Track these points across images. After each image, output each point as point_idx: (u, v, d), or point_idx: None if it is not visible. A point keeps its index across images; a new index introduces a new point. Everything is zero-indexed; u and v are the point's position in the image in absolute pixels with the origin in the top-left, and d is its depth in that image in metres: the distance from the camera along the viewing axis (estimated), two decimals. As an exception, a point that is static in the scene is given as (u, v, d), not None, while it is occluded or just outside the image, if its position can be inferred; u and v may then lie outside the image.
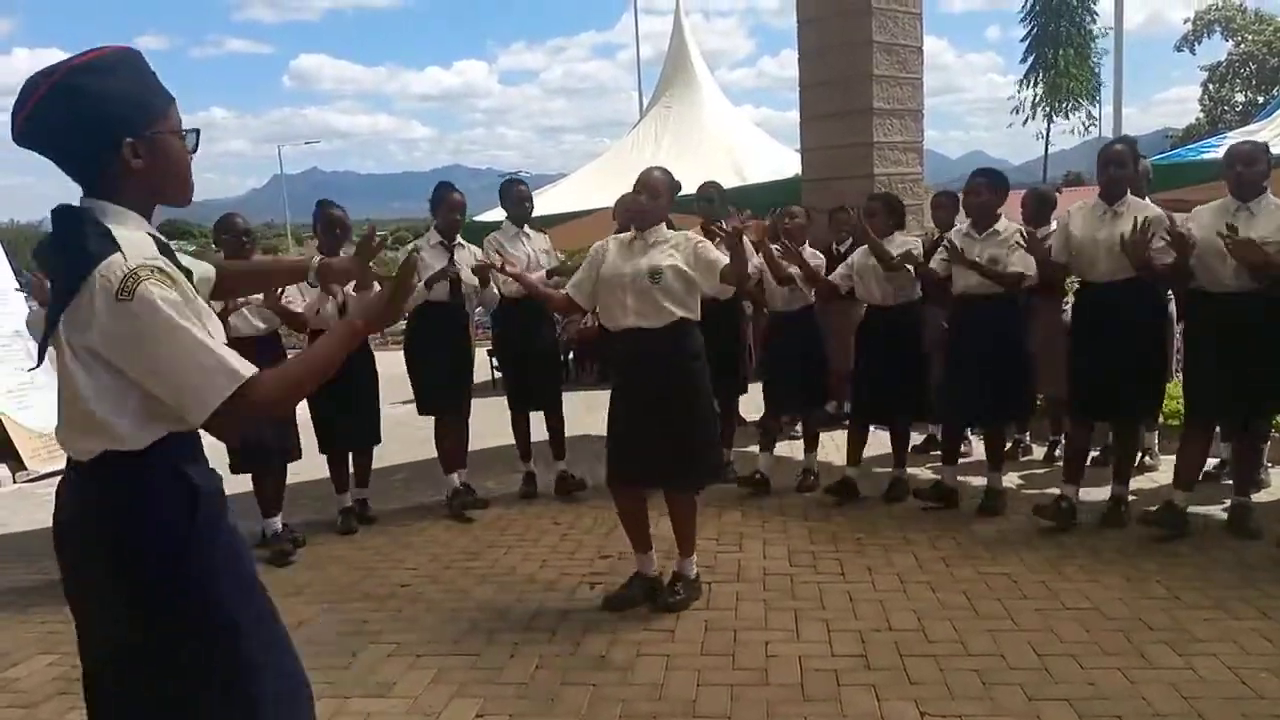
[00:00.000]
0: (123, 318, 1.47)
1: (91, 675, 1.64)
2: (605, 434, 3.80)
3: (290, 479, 4.88)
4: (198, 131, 1.67)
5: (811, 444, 5.43)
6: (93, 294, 1.48)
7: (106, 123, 1.54)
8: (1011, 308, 4.64)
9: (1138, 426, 4.54)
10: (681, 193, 3.92)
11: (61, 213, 1.57)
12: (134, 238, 1.55)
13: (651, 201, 3.69)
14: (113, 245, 1.51)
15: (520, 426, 5.52)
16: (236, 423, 1.56)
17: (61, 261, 1.54)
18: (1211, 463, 4.90)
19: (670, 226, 3.88)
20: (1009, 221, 4.68)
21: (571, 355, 10.99)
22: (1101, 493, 4.58)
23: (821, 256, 5.26)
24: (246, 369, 1.53)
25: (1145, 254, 3.98)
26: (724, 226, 3.65)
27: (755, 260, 5.18)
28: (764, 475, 5.30)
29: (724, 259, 3.59)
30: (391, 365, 5.32)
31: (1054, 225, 5.41)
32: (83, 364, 1.52)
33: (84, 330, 1.50)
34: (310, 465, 5.01)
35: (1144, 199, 4.96)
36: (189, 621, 1.57)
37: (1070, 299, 5.13)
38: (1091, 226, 4.25)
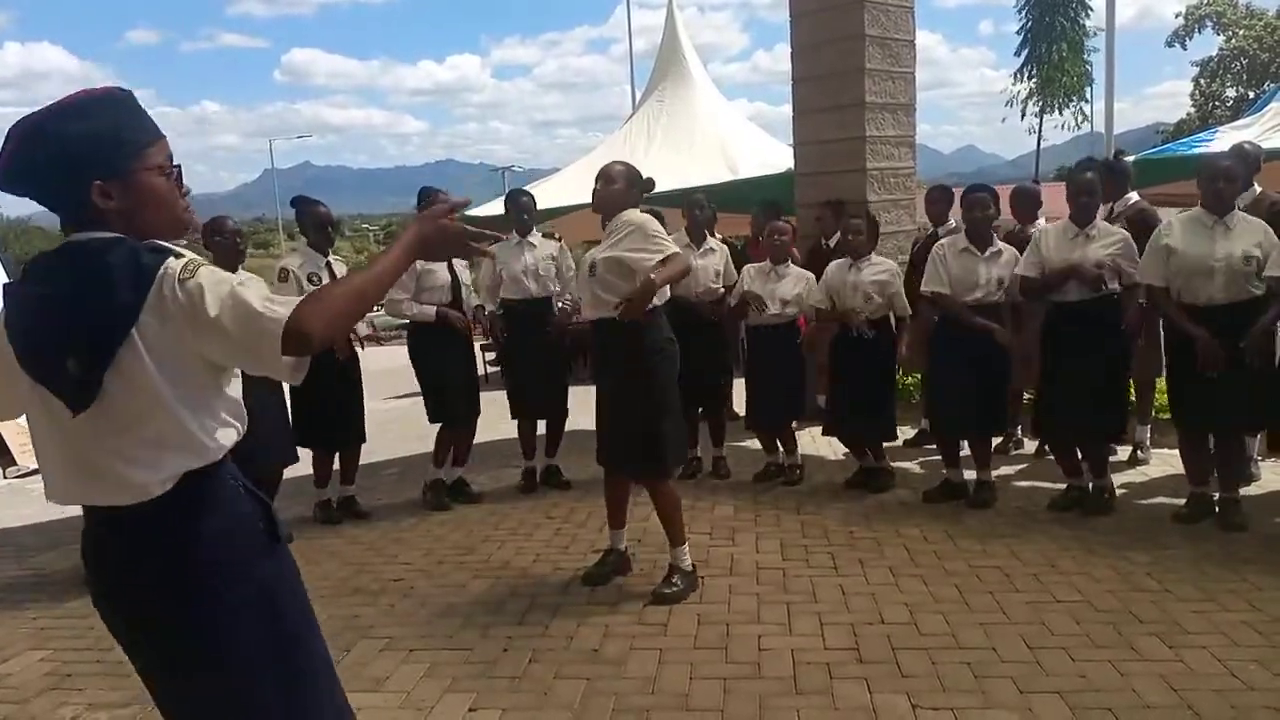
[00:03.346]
0: (190, 296, 1.46)
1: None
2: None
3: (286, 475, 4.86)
4: (179, 167, 1.61)
5: (791, 444, 5.42)
6: (164, 290, 1.46)
7: (73, 165, 1.50)
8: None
9: (1104, 438, 4.62)
10: (678, 187, 3.91)
11: (83, 245, 1.52)
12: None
13: (605, 188, 3.66)
14: (166, 251, 1.51)
15: (525, 430, 5.51)
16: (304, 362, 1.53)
17: (109, 283, 1.47)
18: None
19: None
20: (1002, 243, 4.74)
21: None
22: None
23: (811, 275, 5.24)
24: (279, 311, 1.46)
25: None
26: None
27: (703, 265, 5.18)
28: (778, 465, 5.40)
29: (651, 260, 3.43)
30: (384, 360, 5.30)
31: (1042, 222, 5.43)
32: (172, 374, 1.50)
33: (174, 333, 1.48)
34: (303, 462, 4.99)
35: (1129, 194, 5.01)
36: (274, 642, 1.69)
37: None
38: (1063, 248, 4.37)
